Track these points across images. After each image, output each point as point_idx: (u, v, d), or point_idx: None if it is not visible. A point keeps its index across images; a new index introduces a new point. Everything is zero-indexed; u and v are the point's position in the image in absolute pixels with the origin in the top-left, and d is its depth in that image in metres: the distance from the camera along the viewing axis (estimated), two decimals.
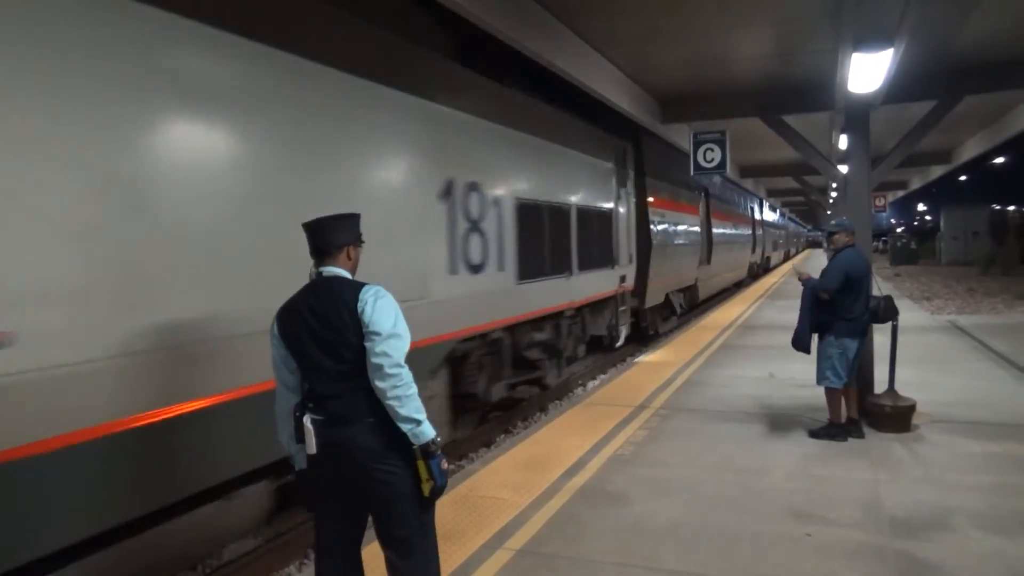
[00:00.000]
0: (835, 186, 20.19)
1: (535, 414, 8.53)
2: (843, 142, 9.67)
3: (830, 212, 33.76)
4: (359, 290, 2.51)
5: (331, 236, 2.62)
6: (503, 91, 7.44)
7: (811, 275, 5.69)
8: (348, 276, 2.64)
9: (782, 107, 8.47)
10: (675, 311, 14.49)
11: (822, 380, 5.56)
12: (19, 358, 2.86)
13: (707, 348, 10.43)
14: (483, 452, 7.06)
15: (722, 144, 9.29)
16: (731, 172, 14.18)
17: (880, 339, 5.79)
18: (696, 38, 6.92)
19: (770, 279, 26.41)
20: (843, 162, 8.88)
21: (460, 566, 3.56)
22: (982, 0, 5.86)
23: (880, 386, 5.98)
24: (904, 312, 6.20)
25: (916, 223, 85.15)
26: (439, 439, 2.52)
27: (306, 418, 2.53)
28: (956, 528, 3.89)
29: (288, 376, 2.64)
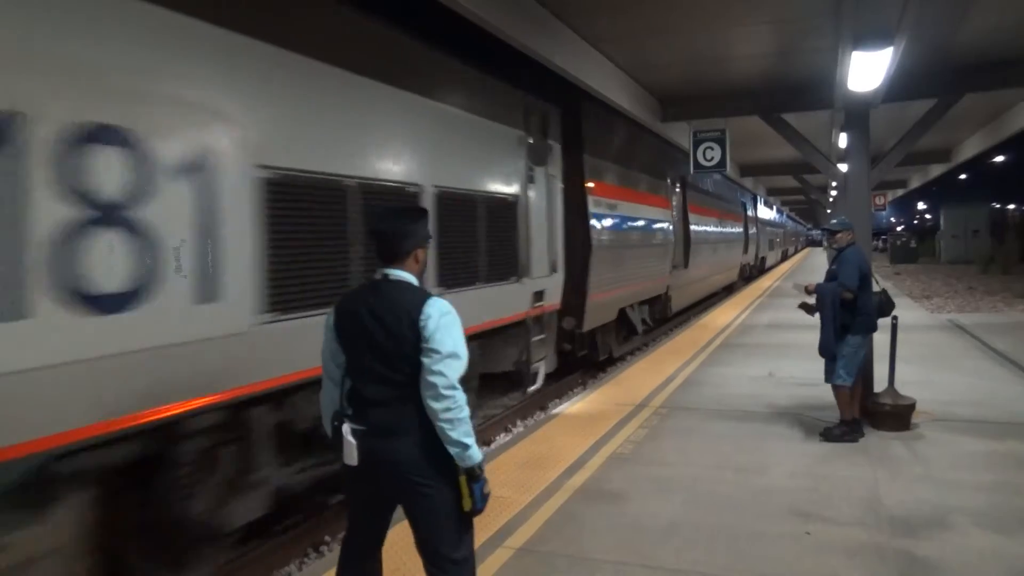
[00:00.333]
0: (835, 185, 20.16)
1: (535, 413, 8.53)
2: (843, 140, 9.68)
3: (830, 211, 33.74)
4: (423, 302, 2.41)
5: (401, 243, 2.50)
6: None
7: (811, 283, 5.71)
8: (415, 282, 2.54)
9: (782, 106, 8.45)
10: (635, 330, 11.48)
11: (835, 378, 5.53)
12: None
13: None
14: (483, 451, 7.00)
15: (722, 142, 9.23)
16: (731, 171, 14.04)
17: (880, 338, 5.79)
18: (696, 36, 6.90)
19: (765, 282, 25.28)
20: (843, 161, 8.88)
21: None
22: None
23: (880, 384, 5.99)
24: (904, 311, 6.22)
25: (916, 222, 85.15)
26: (484, 463, 2.48)
27: (345, 427, 2.46)
28: (956, 526, 3.90)
29: (335, 370, 2.59)
